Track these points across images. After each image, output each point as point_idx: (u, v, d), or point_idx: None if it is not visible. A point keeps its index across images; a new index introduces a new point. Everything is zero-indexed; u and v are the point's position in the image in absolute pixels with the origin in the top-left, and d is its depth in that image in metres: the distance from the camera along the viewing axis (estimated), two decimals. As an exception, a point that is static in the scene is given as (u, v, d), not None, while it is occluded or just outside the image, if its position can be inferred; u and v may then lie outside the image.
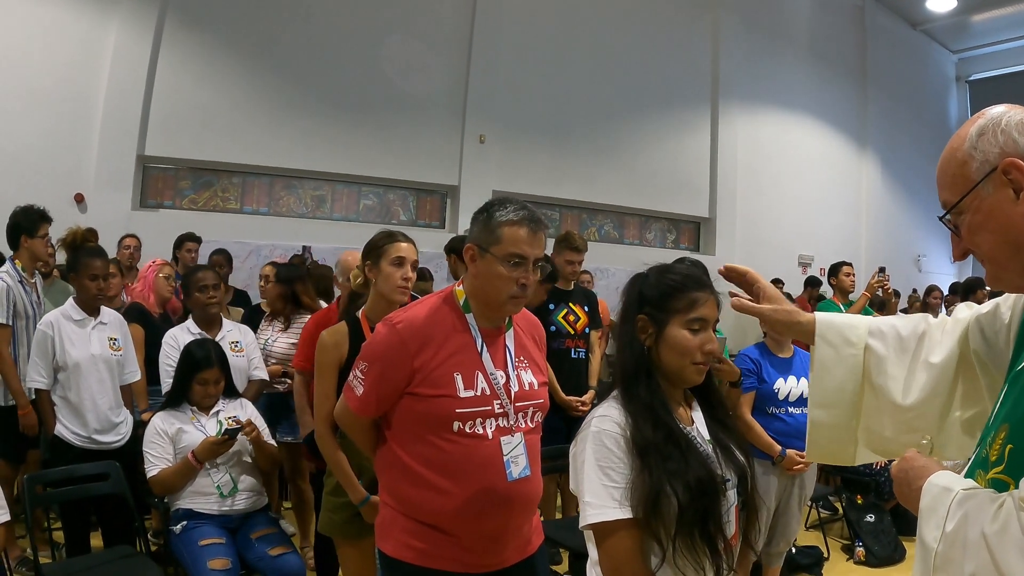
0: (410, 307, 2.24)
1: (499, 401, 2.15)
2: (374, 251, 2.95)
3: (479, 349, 2.18)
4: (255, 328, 5.01)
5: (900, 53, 14.44)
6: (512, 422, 2.17)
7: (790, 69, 12.69)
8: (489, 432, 2.13)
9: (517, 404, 2.19)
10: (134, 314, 4.94)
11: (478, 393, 2.13)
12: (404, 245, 2.96)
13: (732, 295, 1.74)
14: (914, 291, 10.31)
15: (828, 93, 13.18)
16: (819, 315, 1.70)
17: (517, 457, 2.15)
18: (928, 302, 8.89)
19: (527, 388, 2.24)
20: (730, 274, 1.79)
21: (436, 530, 2.13)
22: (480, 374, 2.15)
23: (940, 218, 1.41)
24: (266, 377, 4.53)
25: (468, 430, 2.11)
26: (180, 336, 4.25)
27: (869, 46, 13.87)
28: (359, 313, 2.97)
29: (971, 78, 15.90)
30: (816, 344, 1.68)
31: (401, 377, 2.12)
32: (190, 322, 4.37)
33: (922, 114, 14.91)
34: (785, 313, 1.70)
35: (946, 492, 1.22)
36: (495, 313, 2.22)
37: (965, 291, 7.68)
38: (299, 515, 4.84)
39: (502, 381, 2.17)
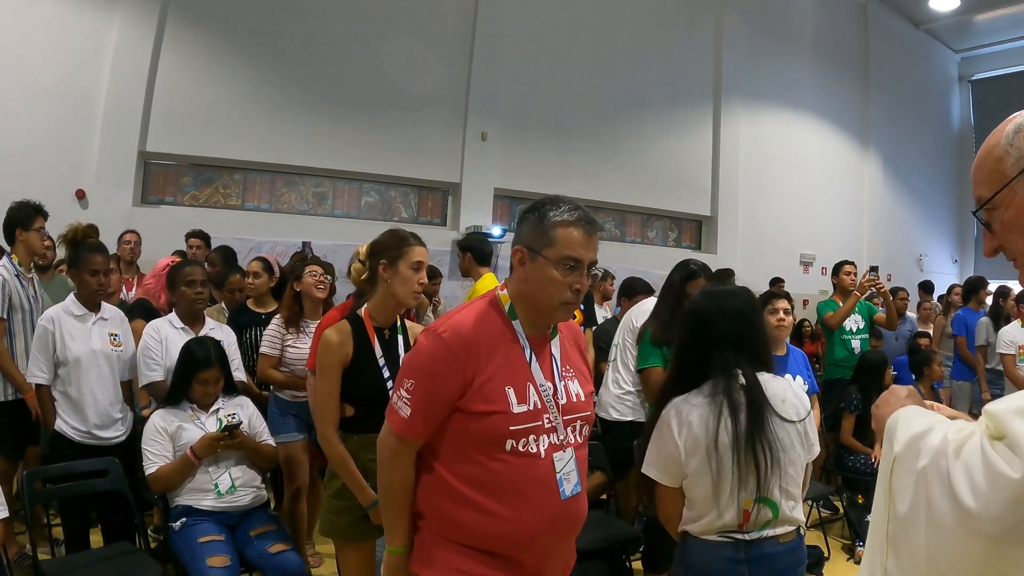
0: (452, 314, 2.07)
1: (549, 415, 2.01)
2: (391, 251, 2.86)
3: (528, 359, 2.03)
4: (251, 328, 4.89)
5: (903, 52, 14.44)
6: (562, 437, 2.04)
7: (793, 68, 12.68)
8: (542, 450, 1.98)
9: (565, 417, 2.05)
10: (140, 310, 4.91)
11: (531, 407, 1.98)
12: (422, 249, 2.89)
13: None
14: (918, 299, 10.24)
15: (830, 92, 13.18)
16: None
17: (569, 474, 2.03)
18: (951, 300, 8.82)
19: (575, 400, 2.10)
20: None
21: (484, 553, 1.98)
22: (531, 386, 2.00)
23: (974, 213, 1.40)
24: (244, 379, 4.39)
25: (521, 448, 1.96)
26: (163, 329, 4.15)
27: (872, 45, 13.87)
28: (361, 311, 2.90)
29: (973, 78, 15.89)
30: None
31: (452, 391, 1.94)
32: (173, 316, 4.25)
33: (924, 113, 14.91)
34: (964, 418, 1.69)
35: (927, 414, 1.30)
36: (545, 320, 2.08)
37: (967, 292, 7.66)
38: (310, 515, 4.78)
39: (550, 393, 2.04)
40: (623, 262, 9.46)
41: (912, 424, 1.25)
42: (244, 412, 3.81)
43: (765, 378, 2.44)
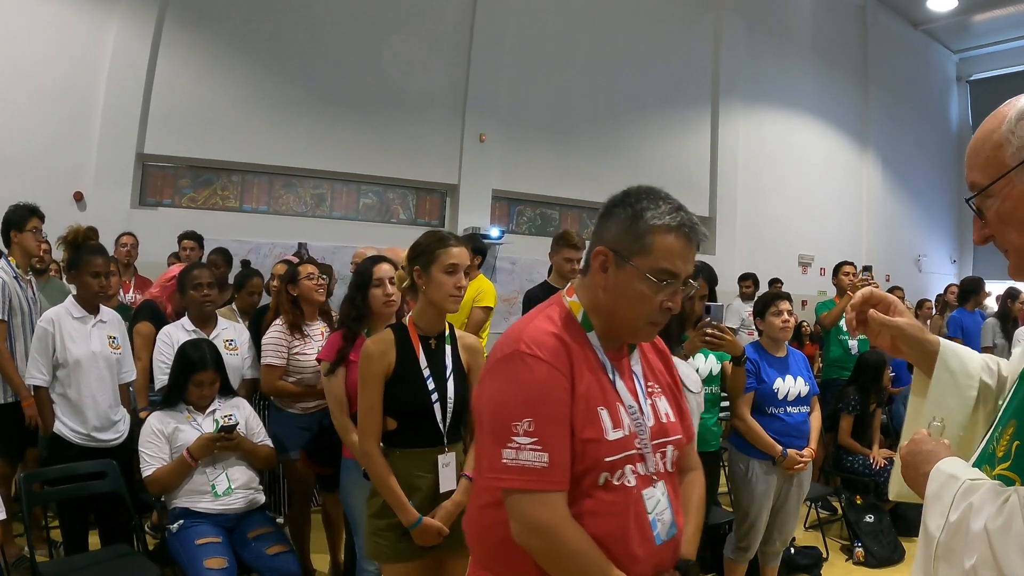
0: (521, 328, 1.68)
1: (638, 440, 1.68)
2: (424, 256, 2.69)
3: (611, 376, 1.69)
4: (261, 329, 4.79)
5: (901, 53, 14.44)
6: (652, 467, 1.69)
7: (791, 68, 12.68)
8: (633, 483, 1.64)
9: (654, 442, 1.71)
10: (146, 312, 4.91)
11: (626, 432, 1.65)
12: (456, 250, 2.70)
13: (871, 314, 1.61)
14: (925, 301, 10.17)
15: (829, 92, 13.17)
16: (943, 340, 1.62)
17: (662, 513, 1.68)
18: (947, 300, 8.80)
19: (664, 421, 1.76)
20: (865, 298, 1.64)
21: None
22: (621, 408, 1.67)
23: (967, 200, 1.36)
24: (258, 376, 4.40)
25: (616, 482, 1.62)
26: (175, 333, 4.21)
27: (870, 45, 13.86)
28: (406, 320, 2.78)
29: (972, 78, 15.89)
30: (936, 369, 1.58)
31: (568, 411, 1.59)
32: (185, 320, 4.32)
33: (923, 114, 14.91)
34: (918, 328, 1.61)
35: (952, 480, 1.21)
36: (623, 338, 1.75)
37: (964, 293, 7.60)
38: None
39: (637, 414, 1.71)
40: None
41: (944, 500, 1.20)
42: (241, 413, 3.82)
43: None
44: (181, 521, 3.46)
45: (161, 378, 4.09)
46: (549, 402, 1.57)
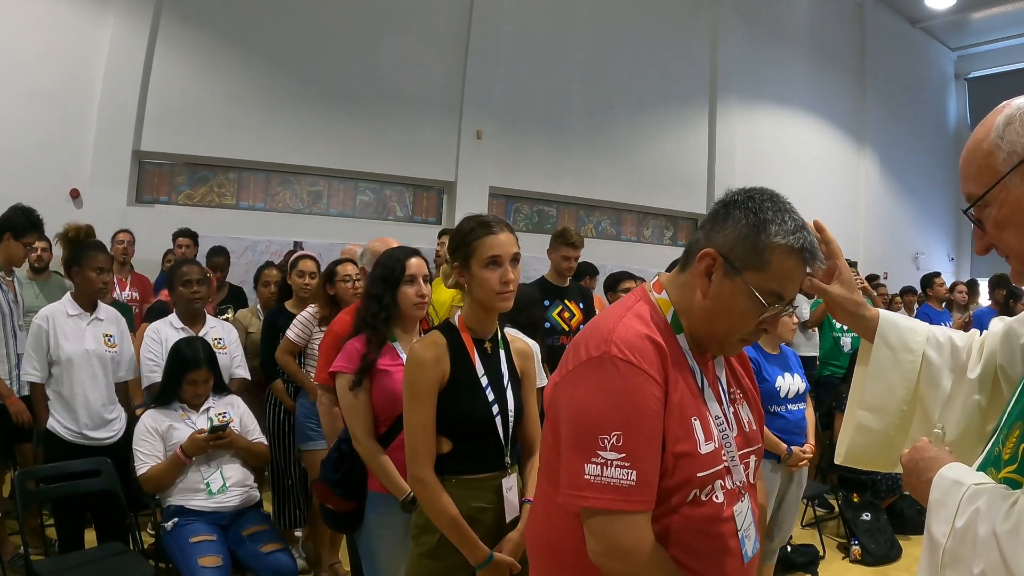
0: (609, 327, 1.50)
1: (726, 452, 1.56)
2: (461, 249, 2.29)
3: (699, 383, 1.56)
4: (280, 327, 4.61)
5: (899, 50, 14.43)
6: (738, 481, 1.57)
7: (789, 66, 12.67)
8: (721, 498, 1.52)
9: (740, 452, 1.60)
10: (156, 312, 4.89)
11: (716, 445, 1.52)
12: (499, 238, 2.26)
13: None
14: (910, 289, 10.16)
15: (827, 90, 13.17)
16: (883, 313, 1.62)
17: (748, 528, 1.58)
18: (951, 297, 8.80)
19: (747, 429, 1.65)
20: (818, 232, 1.64)
21: None
22: (711, 418, 1.55)
23: (964, 211, 1.35)
24: (247, 376, 4.40)
25: (704, 498, 1.49)
26: (163, 330, 4.19)
27: (868, 43, 13.86)
28: (455, 319, 2.39)
29: (970, 76, 15.90)
30: (875, 344, 1.59)
31: (661, 424, 1.45)
32: (173, 316, 4.28)
33: (921, 111, 14.91)
34: (853, 303, 1.61)
35: (957, 486, 1.19)
36: (710, 348, 1.61)
37: (994, 287, 7.60)
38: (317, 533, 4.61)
39: (723, 424, 1.58)
40: (619, 260, 9.42)
41: (948, 506, 1.17)
42: (235, 411, 3.82)
43: None
44: (176, 519, 3.46)
45: (148, 375, 4.08)
46: (641, 414, 1.42)
